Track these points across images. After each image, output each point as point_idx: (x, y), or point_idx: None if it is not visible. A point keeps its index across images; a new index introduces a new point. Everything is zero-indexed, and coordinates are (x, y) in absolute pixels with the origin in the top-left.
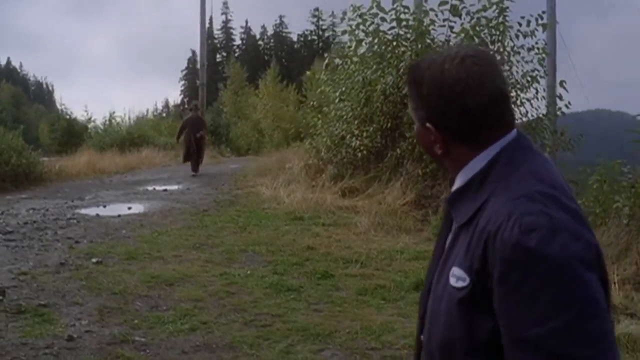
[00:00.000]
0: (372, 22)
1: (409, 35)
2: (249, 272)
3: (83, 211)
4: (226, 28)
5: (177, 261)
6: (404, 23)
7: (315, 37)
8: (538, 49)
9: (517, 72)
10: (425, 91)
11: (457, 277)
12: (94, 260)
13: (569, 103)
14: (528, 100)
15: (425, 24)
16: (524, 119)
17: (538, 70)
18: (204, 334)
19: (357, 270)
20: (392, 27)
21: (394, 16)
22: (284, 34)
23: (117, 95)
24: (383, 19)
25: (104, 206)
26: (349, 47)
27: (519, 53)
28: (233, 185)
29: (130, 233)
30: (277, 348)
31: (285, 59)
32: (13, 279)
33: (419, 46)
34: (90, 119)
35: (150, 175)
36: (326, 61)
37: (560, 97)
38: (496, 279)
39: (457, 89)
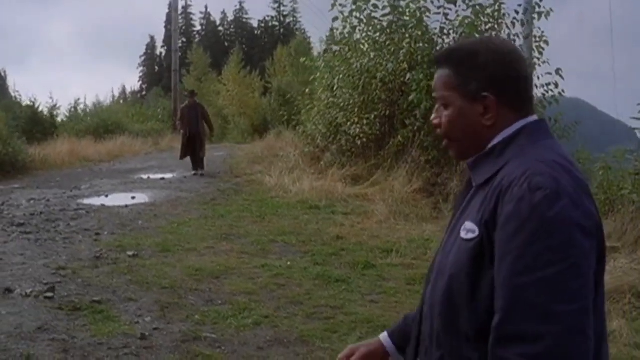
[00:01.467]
0: (366, 9)
1: (406, 22)
2: (288, 263)
3: (86, 201)
4: (186, 14)
5: (211, 253)
6: (399, 9)
7: (277, 23)
8: (535, 37)
9: None
10: (483, 60)
11: (468, 230)
12: (129, 253)
13: (563, 91)
14: None
15: (421, 11)
16: None
17: (538, 58)
18: (270, 329)
19: (397, 259)
20: (386, 14)
21: (386, 3)
22: (244, 20)
23: (73, 82)
24: (375, 6)
25: (106, 196)
26: (342, 34)
27: (514, 41)
28: (230, 174)
29: (147, 224)
30: (348, 341)
31: (246, 45)
32: (54, 274)
33: (418, 33)
34: (55, 106)
35: (139, 164)
36: (324, 47)
37: (557, 85)
38: (498, 227)
39: (514, 56)
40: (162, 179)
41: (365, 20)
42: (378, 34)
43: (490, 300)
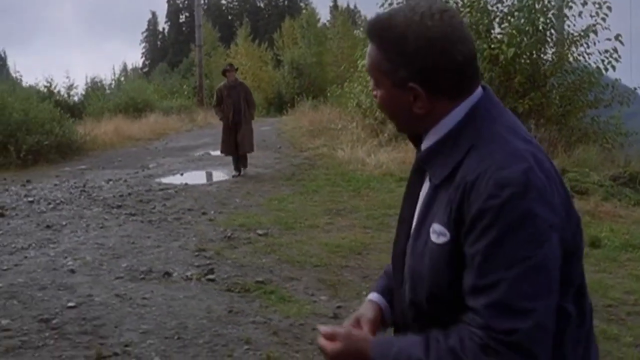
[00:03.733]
0: None
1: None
2: None
3: (165, 180)
4: None
5: (335, 229)
6: None
7: None
8: (597, 3)
9: (569, 25)
10: (412, 48)
11: (438, 233)
12: (259, 232)
13: (619, 56)
14: (584, 54)
15: None
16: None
17: (600, 24)
18: None
19: None
20: None
21: None
22: None
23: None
24: None
25: (181, 174)
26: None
27: (570, 8)
28: (292, 148)
29: (245, 202)
30: None
31: (250, 18)
32: (197, 256)
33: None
34: (72, 85)
35: (191, 141)
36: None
37: (616, 51)
38: (466, 228)
39: (446, 43)
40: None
41: None
42: None
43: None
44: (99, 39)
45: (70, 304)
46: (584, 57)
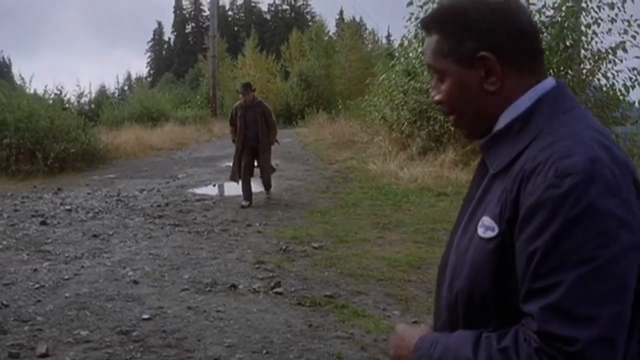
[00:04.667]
0: None
1: None
2: None
3: (198, 191)
4: None
5: (387, 243)
6: None
7: (287, 7)
8: (626, 21)
9: (596, 42)
10: (474, 15)
11: (486, 227)
12: (313, 245)
13: None
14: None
15: None
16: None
17: (630, 41)
18: None
19: None
20: None
21: None
22: (253, 4)
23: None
24: None
25: (213, 185)
26: (417, 18)
27: (598, 25)
28: (320, 161)
29: (287, 214)
30: None
31: (256, 30)
32: (257, 268)
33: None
34: (82, 93)
35: (215, 151)
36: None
37: None
38: (519, 222)
39: (509, 11)
40: (257, 167)
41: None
42: None
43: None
44: (105, 47)
45: (144, 316)
46: (612, 74)
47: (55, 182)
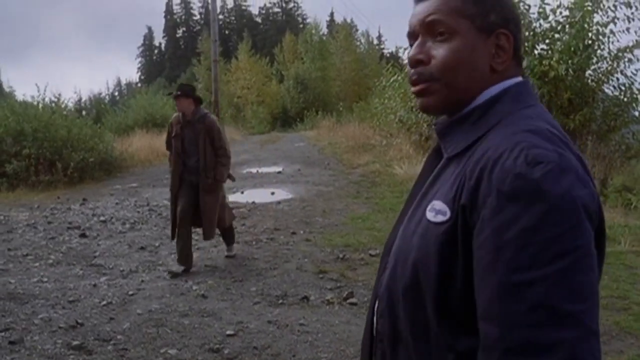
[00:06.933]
0: None
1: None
2: None
3: (231, 198)
4: (185, 3)
5: None
6: None
7: (279, 10)
8: None
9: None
10: None
11: (437, 211)
12: (371, 253)
13: None
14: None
15: None
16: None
17: None
18: None
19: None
20: None
21: None
22: (244, 8)
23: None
24: None
25: (242, 192)
26: None
27: (615, 24)
28: (341, 165)
29: (327, 220)
30: None
31: (247, 33)
32: (322, 278)
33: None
34: (80, 100)
35: (233, 157)
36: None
37: None
38: (486, 213)
39: (515, 9)
40: (279, 172)
41: None
42: None
43: (465, 295)
44: (94, 53)
45: (228, 332)
46: (632, 73)
47: (78, 193)
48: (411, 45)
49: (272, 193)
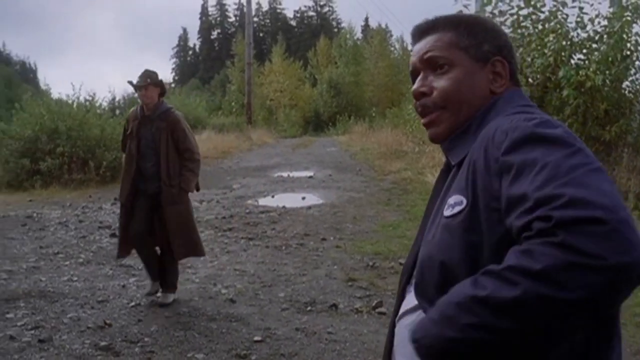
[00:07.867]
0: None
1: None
2: None
3: (259, 202)
4: (220, 5)
5: None
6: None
7: (314, 13)
8: None
9: None
10: (490, 27)
11: (453, 205)
12: (400, 261)
13: None
14: None
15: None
16: None
17: None
18: None
19: None
20: (521, 7)
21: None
22: (279, 11)
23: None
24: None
25: (272, 196)
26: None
27: None
28: (373, 171)
29: (357, 227)
30: None
31: (282, 36)
32: (351, 286)
33: (560, 28)
34: (114, 99)
35: (263, 160)
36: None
37: None
38: (497, 170)
39: (506, 35)
40: (311, 177)
41: (497, 14)
42: (511, 28)
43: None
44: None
45: (256, 338)
46: None
47: (110, 192)
48: (414, 82)
49: (303, 198)
